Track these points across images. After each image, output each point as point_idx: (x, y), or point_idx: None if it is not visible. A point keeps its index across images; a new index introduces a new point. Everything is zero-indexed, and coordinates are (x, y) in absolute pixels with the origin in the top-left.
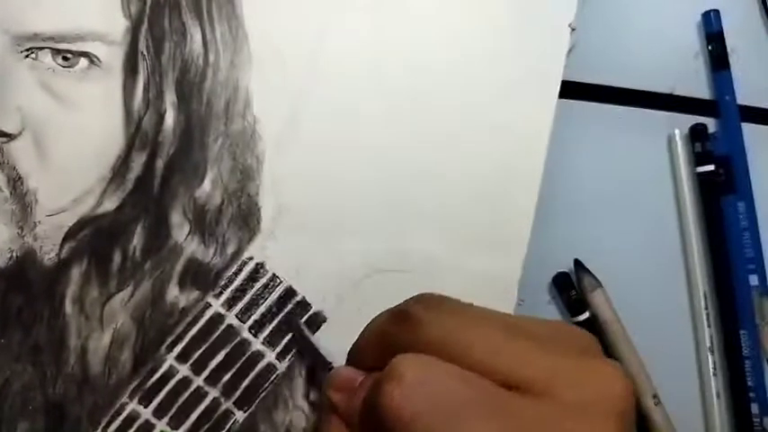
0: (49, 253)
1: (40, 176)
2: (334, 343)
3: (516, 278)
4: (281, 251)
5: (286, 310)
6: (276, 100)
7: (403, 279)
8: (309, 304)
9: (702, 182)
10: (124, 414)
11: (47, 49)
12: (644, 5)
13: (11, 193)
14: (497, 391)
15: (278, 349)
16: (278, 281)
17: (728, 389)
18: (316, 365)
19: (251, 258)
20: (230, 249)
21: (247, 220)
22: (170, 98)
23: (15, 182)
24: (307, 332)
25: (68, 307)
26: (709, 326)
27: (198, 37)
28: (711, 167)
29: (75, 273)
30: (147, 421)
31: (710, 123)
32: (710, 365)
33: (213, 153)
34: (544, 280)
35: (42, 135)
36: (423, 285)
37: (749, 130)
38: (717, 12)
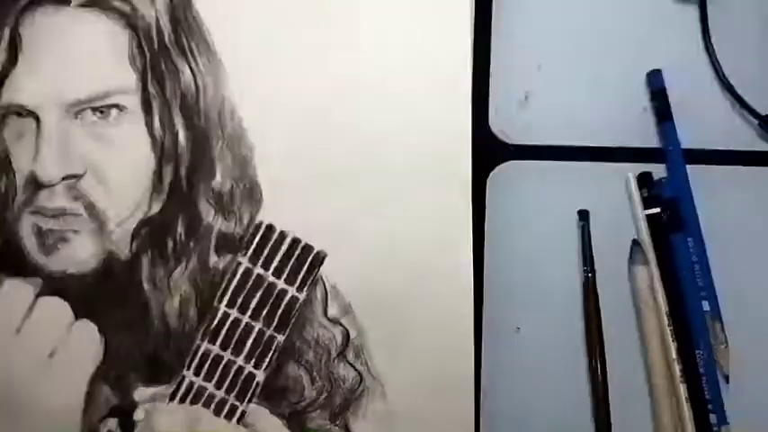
0: (124, 250)
1: (105, 199)
2: (335, 273)
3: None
4: (283, 212)
5: (295, 255)
6: (253, 102)
7: (376, 212)
8: (312, 247)
9: (652, 222)
10: (200, 352)
11: (87, 109)
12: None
13: (89, 216)
14: None
15: (296, 284)
16: (285, 234)
17: (689, 401)
18: None
19: (262, 223)
20: (246, 219)
21: (252, 195)
22: (179, 121)
23: (90, 207)
24: None
25: (145, 285)
26: (673, 341)
27: (187, 71)
28: (658, 210)
29: (145, 260)
30: (217, 354)
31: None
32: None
33: (217, 152)
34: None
35: (99, 170)
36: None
37: (701, 171)
38: (659, 71)
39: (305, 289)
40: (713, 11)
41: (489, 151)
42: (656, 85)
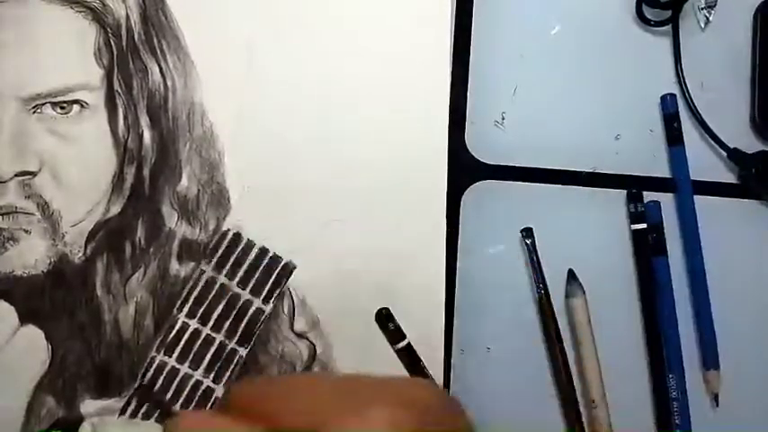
0: (77, 254)
1: (61, 199)
2: (304, 286)
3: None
4: (252, 220)
5: (263, 266)
6: (224, 106)
7: (349, 225)
8: (280, 258)
9: (637, 238)
10: (155, 365)
11: (47, 104)
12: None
13: (42, 215)
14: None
15: (262, 296)
16: (252, 243)
17: (656, 424)
18: None
19: (228, 230)
20: (211, 226)
21: (220, 201)
22: (144, 121)
23: (43, 206)
24: None
25: (99, 291)
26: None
27: (156, 70)
28: (644, 225)
29: (100, 264)
30: (172, 367)
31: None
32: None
33: (185, 155)
34: None
35: (56, 168)
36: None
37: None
38: (673, 95)
39: (271, 301)
40: (685, 41)
41: (465, 170)
42: (668, 110)
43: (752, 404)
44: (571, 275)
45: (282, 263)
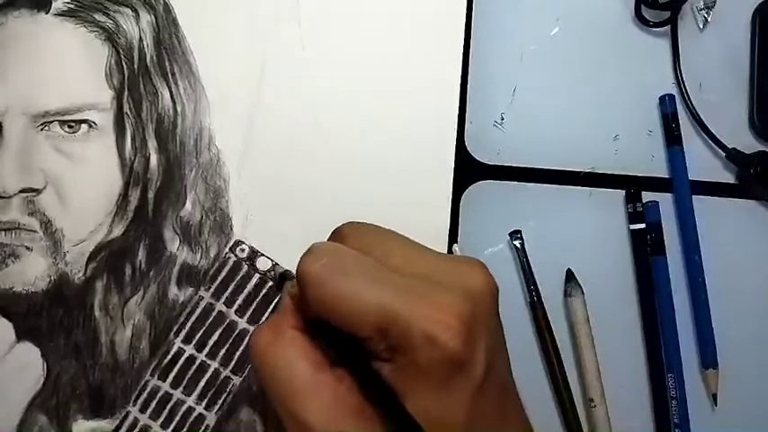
0: (77, 273)
1: (64, 218)
2: None
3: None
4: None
5: (261, 295)
6: (232, 133)
7: None
8: (279, 288)
9: (635, 238)
10: (148, 389)
11: (56, 122)
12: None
13: (44, 233)
14: (382, 268)
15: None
16: (252, 272)
17: (655, 422)
18: None
19: (229, 257)
20: (212, 252)
21: (223, 228)
22: (152, 144)
23: (46, 224)
24: None
25: (97, 312)
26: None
27: (167, 94)
28: (643, 225)
29: (99, 285)
30: (166, 392)
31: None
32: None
33: (190, 180)
34: None
35: (61, 186)
36: None
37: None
38: (672, 96)
39: None
40: (684, 42)
41: (464, 170)
42: (667, 110)
43: (751, 404)
44: (570, 275)
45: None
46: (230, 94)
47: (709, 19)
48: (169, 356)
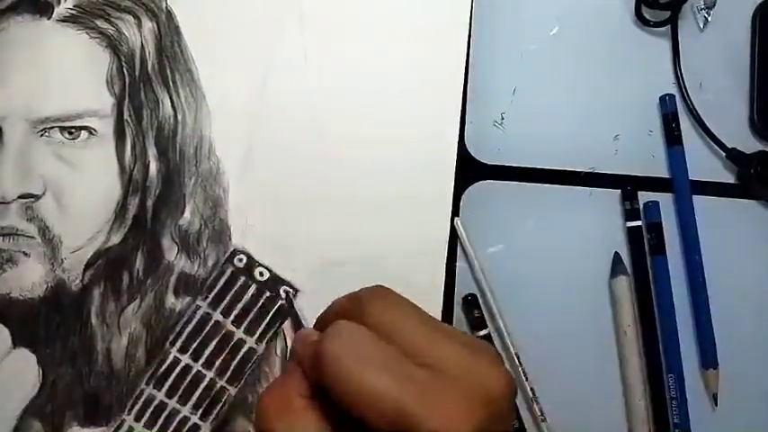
0: (74, 280)
1: (62, 224)
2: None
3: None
4: (251, 259)
5: (258, 305)
6: (232, 142)
7: (350, 269)
8: (276, 299)
9: (632, 236)
10: (144, 397)
11: (56, 128)
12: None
13: (42, 240)
14: (401, 358)
15: (256, 336)
16: (250, 282)
17: (654, 423)
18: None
19: (227, 267)
20: (210, 262)
21: (221, 237)
22: (152, 152)
23: (44, 230)
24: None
25: (93, 320)
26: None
27: (168, 102)
28: (639, 223)
29: (96, 293)
30: (161, 401)
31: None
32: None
33: (189, 189)
34: None
35: (60, 193)
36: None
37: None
38: (672, 96)
39: (264, 341)
40: (684, 41)
41: (464, 170)
42: (667, 110)
43: (751, 404)
44: (617, 258)
45: (278, 304)
46: (231, 102)
47: (709, 19)
48: (165, 365)
